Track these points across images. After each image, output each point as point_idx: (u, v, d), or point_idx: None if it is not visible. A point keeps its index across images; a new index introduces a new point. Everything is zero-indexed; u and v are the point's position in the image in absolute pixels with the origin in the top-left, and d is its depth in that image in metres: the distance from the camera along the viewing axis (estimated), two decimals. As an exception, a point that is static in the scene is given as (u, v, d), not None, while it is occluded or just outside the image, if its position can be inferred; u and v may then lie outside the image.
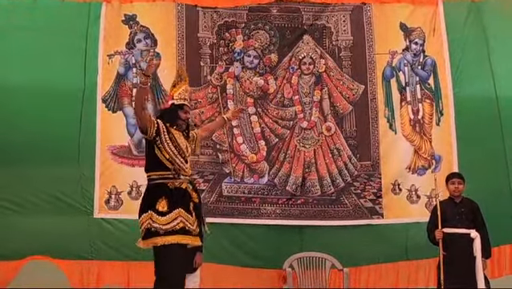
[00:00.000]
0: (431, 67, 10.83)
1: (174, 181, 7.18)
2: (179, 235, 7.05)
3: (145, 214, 7.10)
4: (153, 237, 7.03)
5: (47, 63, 10.01)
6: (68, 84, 9.97)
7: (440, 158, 10.61)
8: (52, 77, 9.93)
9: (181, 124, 7.44)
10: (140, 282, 9.66)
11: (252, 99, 10.59)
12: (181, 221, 7.06)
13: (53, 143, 9.72)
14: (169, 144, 7.23)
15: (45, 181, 9.72)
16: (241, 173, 10.36)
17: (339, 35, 10.77)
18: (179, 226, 7.06)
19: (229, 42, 10.63)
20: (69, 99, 9.94)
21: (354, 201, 10.45)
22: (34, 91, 9.85)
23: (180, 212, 7.07)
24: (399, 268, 10.34)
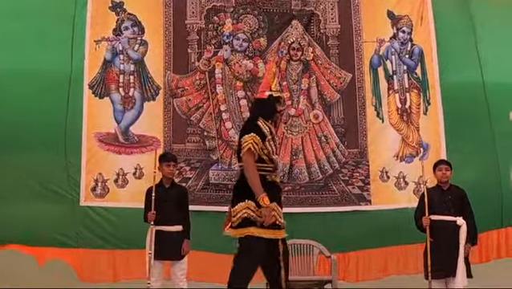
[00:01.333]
0: (418, 56, 10.81)
1: (271, 174, 7.09)
2: (274, 230, 6.97)
3: (242, 203, 6.95)
4: (249, 226, 6.91)
5: (34, 48, 9.85)
6: (55, 70, 9.80)
7: (427, 146, 10.60)
8: (39, 63, 9.76)
9: (277, 116, 7.37)
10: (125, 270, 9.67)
11: (241, 82, 10.49)
12: (275, 215, 6.95)
13: (39, 129, 9.57)
14: (271, 142, 7.12)
15: (31, 168, 9.56)
16: (229, 160, 10.24)
17: (327, 23, 10.70)
18: (273, 220, 6.95)
19: (217, 25, 10.54)
20: (56, 85, 9.78)
21: (342, 188, 10.41)
22: (21, 77, 9.68)
23: (275, 206, 6.96)
24: (387, 253, 10.33)
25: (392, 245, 10.28)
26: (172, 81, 10.20)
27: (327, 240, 10.01)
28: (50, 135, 9.65)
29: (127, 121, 10.03)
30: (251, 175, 6.88)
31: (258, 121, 7.08)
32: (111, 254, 9.67)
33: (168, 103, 10.16)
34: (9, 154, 9.53)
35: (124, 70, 10.14)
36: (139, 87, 10.15)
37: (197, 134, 10.22)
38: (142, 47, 10.23)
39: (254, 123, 7.10)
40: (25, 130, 9.54)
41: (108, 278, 9.68)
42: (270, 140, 7.08)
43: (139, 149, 9.98)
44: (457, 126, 10.46)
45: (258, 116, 7.18)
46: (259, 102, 7.41)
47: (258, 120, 7.09)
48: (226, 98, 10.34)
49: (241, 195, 6.98)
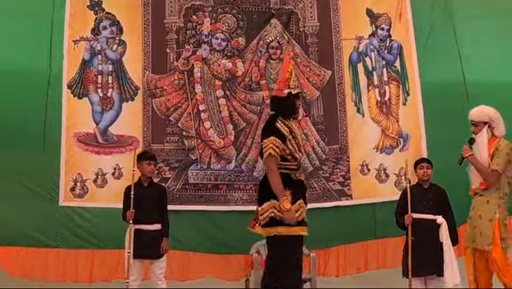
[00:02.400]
0: (397, 51, 10.80)
1: (296, 173, 7.26)
2: (301, 227, 7.22)
3: (268, 202, 7.14)
4: (277, 226, 7.12)
5: (12, 47, 9.78)
6: (33, 69, 9.75)
7: (407, 136, 10.61)
8: (17, 62, 9.71)
9: (297, 112, 7.49)
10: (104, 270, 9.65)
11: (220, 81, 10.43)
12: (302, 212, 7.19)
13: (18, 129, 9.53)
14: (292, 142, 7.26)
15: (9, 168, 9.51)
16: (208, 160, 10.22)
17: (306, 21, 10.66)
18: (301, 218, 7.20)
19: (196, 24, 10.47)
20: (34, 85, 9.73)
21: (322, 185, 10.39)
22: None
23: (301, 203, 7.20)
24: (367, 248, 10.35)
25: (372, 238, 10.32)
26: (151, 81, 10.15)
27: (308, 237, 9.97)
28: (28, 135, 9.60)
29: (106, 122, 9.99)
30: (273, 179, 7.10)
31: (276, 122, 7.20)
32: (90, 253, 9.63)
33: (147, 104, 10.12)
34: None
35: (103, 70, 10.07)
36: (117, 87, 10.09)
37: (175, 134, 10.17)
38: (120, 47, 10.17)
39: (274, 124, 7.23)
40: (4, 130, 9.47)
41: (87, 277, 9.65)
42: (292, 140, 7.24)
43: (118, 149, 9.94)
44: (436, 116, 10.47)
45: (278, 115, 7.29)
46: (278, 100, 7.51)
47: (277, 121, 7.18)
48: (205, 97, 10.29)
49: (266, 194, 7.18)
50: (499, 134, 7.70)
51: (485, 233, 7.51)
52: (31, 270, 9.54)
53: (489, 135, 7.69)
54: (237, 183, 10.23)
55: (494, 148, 7.59)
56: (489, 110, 7.80)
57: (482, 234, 7.54)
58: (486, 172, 7.55)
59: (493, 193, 7.57)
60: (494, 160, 7.53)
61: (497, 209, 7.52)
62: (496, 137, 7.68)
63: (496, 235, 7.48)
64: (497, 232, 7.48)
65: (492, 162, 7.55)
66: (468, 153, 7.69)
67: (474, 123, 7.77)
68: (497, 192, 7.56)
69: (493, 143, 7.64)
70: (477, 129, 7.73)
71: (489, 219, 7.52)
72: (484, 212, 7.57)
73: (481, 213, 7.60)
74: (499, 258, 7.48)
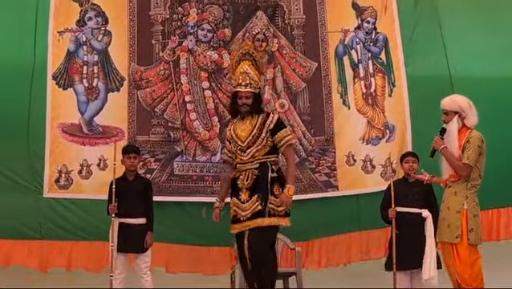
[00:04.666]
0: (382, 43, 10.75)
1: (233, 172, 7.52)
2: (231, 224, 7.48)
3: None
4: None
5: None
6: (18, 60, 9.68)
7: (393, 127, 10.55)
8: (1, 53, 9.64)
9: (241, 110, 7.47)
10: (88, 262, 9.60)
11: (206, 73, 10.38)
12: (234, 210, 7.40)
13: (1, 119, 9.45)
14: (229, 142, 7.60)
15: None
16: (193, 151, 10.18)
17: (292, 14, 10.60)
18: (232, 215, 7.47)
19: (182, 15, 10.42)
20: (19, 75, 9.64)
21: (309, 176, 10.36)
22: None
23: (233, 201, 7.44)
24: (351, 239, 10.30)
25: (356, 230, 10.29)
26: (136, 72, 10.09)
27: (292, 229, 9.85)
28: (13, 126, 9.52)
29: (91, 112, 9.92)
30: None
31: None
32: (74, 245, 9.58)
33: (132, 95, 10.07)
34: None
35: (88, 61, 10.01)
36: (102, 77, 10.02)
37: (161, 125, 10.12)
38: (106, 38, 10.11)
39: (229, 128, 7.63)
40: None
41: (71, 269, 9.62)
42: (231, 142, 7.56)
43: (103, 140, 9.87)
44: (422, 107, 10.39)
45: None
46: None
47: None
48: (191, 88, 10.24)
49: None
50: (470, 124, 7.64)
51: (454, 224, 7.45)
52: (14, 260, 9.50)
53: (459, 125, 7.63)
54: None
55: (465, 139, 7.52)
56: (460, 99, 7.74)
57: (450, 226, 7.48)
58: (458, 165, 7.49)
59: (461, 184, 7.51)
60: (465, 154, 7.46)
61: (465, 200, 7.46)
62: (467, 128, 7.62)
63: (464, 226, 7.43)
64: (465, 223, 7.43)
65: (463, 155, 7.48)
66: (440, 146, 7.63)
67: (445, 112, 7.73)
68: (465, 183, 7.49)
69: (464, 133, 7.58)
70: (448, 118, 7.67)
71: (457, 210, 7.46)
72: (452, 204, 7.51)
73: (449, 205, 7.55)
74: (464, 250, 7.42)
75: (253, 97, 7.49)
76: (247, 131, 7.38)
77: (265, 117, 7.48)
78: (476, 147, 7.46)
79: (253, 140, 7.38)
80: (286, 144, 7.45)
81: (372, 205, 9.46)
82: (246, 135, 7.38)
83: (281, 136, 7.44)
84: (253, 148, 7.37)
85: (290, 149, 7.57)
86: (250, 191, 7.32)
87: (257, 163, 7.37)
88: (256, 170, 7.33)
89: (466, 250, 7.40)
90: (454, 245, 7.42)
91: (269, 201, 7.28)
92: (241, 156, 7.40)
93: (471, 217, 7.44)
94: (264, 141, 7.39)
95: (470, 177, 7.50)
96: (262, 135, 7.40)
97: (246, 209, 7.28)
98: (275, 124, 7.46)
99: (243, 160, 7.37)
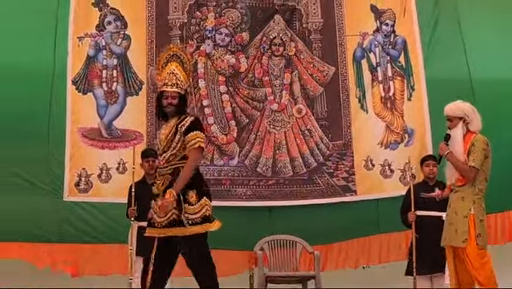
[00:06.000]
0: (401, 46, 10.78)
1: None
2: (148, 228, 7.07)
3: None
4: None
5: (17, 44, 9.79)
6: (38, 66, 9.75)
7: (412, 132, 10.56)
8: (22, 58, 9.71)
9: (166, 111, 7.04)
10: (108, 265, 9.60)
11: (224, 77, 10.46)
12: (151, 213, 6.99)
13: (23, 124, 9.52)
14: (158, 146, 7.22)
15: (14, 163, 9.52)
16: (211, 156, 10.22)
17: (309, 18, 10.66)
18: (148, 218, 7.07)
19: (200, 20, 10.49)
20: (39, 81, 9.73)
21: (326, 181, 10.37)
22: (4, 73, 9.61)
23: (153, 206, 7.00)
24: (370, 242, 10.30)
25: (375, 234, 10.27)
26: (155, 76, 10.07)
27: (311, 233, 10.01)
28: (33, 130, 9.60)
29: (110, 116, 10.01)
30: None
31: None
32: (94, 248, 9.61)
33: (151, 99, 10.06)
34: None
35: (107, 65, 10.12)
36: (122, 81, 10.12)
37: (179, 130, 10.14)
38: (125, 41, 10.21)
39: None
40: (9, 126, 9.47)
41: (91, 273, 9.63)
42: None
43: (122, 144, 9.95)
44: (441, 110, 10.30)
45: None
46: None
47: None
48: (208, 93, 10.31)
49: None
50: (474, 129, 7.62)
51: (461, 229, 7.43)
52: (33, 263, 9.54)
53: (464, 130, 7.61)
54: (240, 178, 10.23)
55: (470, 143, 7.49)
56: (464, 105, 7.71)
57: (458, 231, 7.45)
58: (464, 168, 7.47)
59: (468, 189, 7.47)
60: (471, 157, 7.44)
61: (472, 205, 7.43)
62: (472, 133, 7.61)
63: (471, 231, 7.40)
64: (472, 228, 7.40)
65: (469, 158, 7.47)
66: (446, 152, 7.62)
67: (449, 118, 7.71)
68: (472, 188, 7.46)
69: (468, 138, 7.55)
70: (452, 124, 7.64)
71: (464, 215, 7.42)
72: (459, 208, 7.47)
73: (456, 210, 7.52)
74: (474, 254, 7.37)
75: (179, 98, 7.03)
76: (165, 134, 6.95)
77: (181, 120, 6.96)
78: (481, 150, 7.43)
79: (168, 144, 6.93)
80: (191, 147, 6.87)
81: (392, 209, 9.44)
82: (164, 139, 6.96)
83: (189, 138, 6.89)
84: (167, 152, 6.92)
85: (193, 152, 6.90)
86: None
87: (171, 169, 6.91)
88: (169, 176, 6.90)
89: (476, 254, 7.38)
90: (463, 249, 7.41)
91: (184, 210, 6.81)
92: (160, 160, 7.09)
93: (478, 222, 7.43)
94: (178, 145, 6.89)
95: (477, 181, 7.47)
96: (175, 138, 6.89)
97: (161, 216, 6.84)
98: (187, 127, 6.89)
99: (160, 164, 7.03)
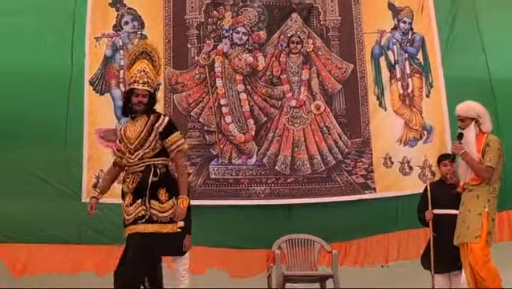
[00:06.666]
0: (419, 43, 10.74)
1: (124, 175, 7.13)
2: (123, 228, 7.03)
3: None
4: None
5: (34, 45, 9.85)
6: (55, 67, 9.80)
7: (431, 128, 10.51)
8: (39, 60, 9.77)
9: (136, 109, 7.04)
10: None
11: (241, 76, 10.45)
12: (123, 213, 6.99)
13: (40, 126, 9.57)
14: (120, 146, 7.15)
15: (32, 164, 9.57)
16: (229, 155, 10.24)
17: (327, 15, 10.64)
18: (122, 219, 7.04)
19: (217, 19, 10.49)
20: (56, 82, 9.77)
21: (345, 178, 10.34)
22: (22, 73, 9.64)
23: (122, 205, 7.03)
24: (389, 239, 10.30)
25: (394, 231, 10.26)
26: (172, 77, 10.20)
27: (329, 230, 10.03)
28: (51, 132, 9.64)
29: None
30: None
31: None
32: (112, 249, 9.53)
33: (168, 99, 10.16)
34: (10, 150, 9.52)
35: (124, 65, 9.97)
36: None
37: (197, 129, 10.21)
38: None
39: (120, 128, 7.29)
40: (26, 127, 9.52)
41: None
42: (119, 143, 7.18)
43: (139, 145, 9.91)
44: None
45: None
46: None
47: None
48: (226, 92, 10.32)
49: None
50: (486, 130, 7.58)
51: (474, 226, 7.40)
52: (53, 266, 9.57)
53: (476, 131, 7.58)
54: (258, 177, 10.22)
55: (485, 143, 7.47)
56: (476, 106, 7.67)
57: (470, 228, 7.43)
58: (481, 168, 7.43)
59: (483, 187, 7.45)
60: (487, 156, 7.41)
61: (487, 203, 7.41)
62: (483, 133, 7.57)
63: (484, 228, 7.38)
64: (485, 225, 7.38)
65: (485, 158, 7.43)
66: (461, 151, 7.57)
67: (461, 118, 7.66)
68: (486, 186, 7.44)
69: (480, 139, 7.53)
70: (464, 124, 7.61)
71: (478, 213, 7.41)
72: (473, 206, 7.44)
73: (470, 208, 7.49)
74: (481, 250, 7.37)
75: (149, 96, 7.08)
76: (136, 132, 6.98)
77: (155, 119, 7.02)
78: (496, 150, 7.41)
79: (141, 143, 6.96)
80: (176, 150, 7.01)
81: (411, 206, 9.39)
82: (135, 136, 6.98)
83: (171, 140, 7.00)
84: (141, 150, 6.95)
85: (180, 155, 7.11)
86: (134, 195, 6.92)
87: (143, 166, 6.96)
88: (140, 173, 6.94)
89: (481, 251, 7.36)
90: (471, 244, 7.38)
91: (150, 205, 6.87)
92: (129, 158, 7.01)
93: (490, 221, 7.41)
94: (152, 144, 6.96)
95: (492, 180, 7.45)
96: (150, 137, 6.96)
97: (130, 213, 6.89)
98: (165, 127, 7.00)
99: (130, 162, 6.98)
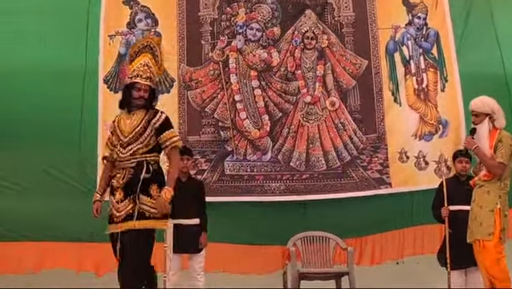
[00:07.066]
0: (434, 38, 10.68)
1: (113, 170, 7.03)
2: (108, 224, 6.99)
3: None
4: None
5: (48, 43, 9.90)
6: (70, 65, 9.82)
7: (446, 122, 10.47)
8: (53, 58, 9.80)
9: (136, 103, 7.02)
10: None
11: (256, 72, 10.42)
12: (111, 209, 6.94)
13: (55, 124, 9.58)
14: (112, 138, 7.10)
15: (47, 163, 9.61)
16: (244, 151, 10.22)
17: (341, 11, 10.59)
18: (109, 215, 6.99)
19: (230, 16, 10.48)
20: (71, 80, 9.78)
21: (361, 174, 10.32)
22: (36, 72, 9.71)
23: (111, 199, 6.95)
24: (404, 234, 10.29)
25: (409, 226, 10.25)
26: (186, 73, 10.20)
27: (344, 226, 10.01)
28: (65, 129, 9.66)
29: (142, 115, 9.99)
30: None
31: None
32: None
33: (183, 96, 10.16)
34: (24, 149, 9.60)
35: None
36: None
37: (211, 125, 10.20)
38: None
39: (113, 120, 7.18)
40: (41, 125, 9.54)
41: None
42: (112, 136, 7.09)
43: (154, 142, 9.91)
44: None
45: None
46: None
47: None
48: (240, 88, 10.30)
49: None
50: (499, 126, 7.55)
51: (486, 223, 7.36)
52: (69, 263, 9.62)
53: (490, 126, 7.54)
54: (273, 173, 10.20)
55: (497, 139, 7.44)
56: (491, 101, 7.64)
57: (483, 225, 7.39)
58: (493, 164, 7.40)
59: (494, 183, 7.42)
60: (499, 152, 7.38)
61: (498, 199, 7.38)
62: (496, 129, 7.54)
63: (497, 225, 7.34)
64: (498, 221, 7.34)
65: (496, 154, 7.40)
66: (473, 146, 7.54)
67: (475, 113, 7.63)
68: (498, 182, 7.41)
69: (493, 134, 7.49)
70: (478, 120, 7.58)
71: (490, 209, 7.37)
72: (484, 203, 7.41)
73: (481, 204, 7.45)
74: (494, 247, 7.33)
75: (150, 92, 7.07)
76: (132, 126, 6.94)
77: (152, 115, 6.99)
78: (508, 146, 7.39)
79: (135, 137, 6.90)
80: (171, 146, 6.99)
81: (426, 201, 9.39)
82: (130, 130, 6.93)
83: (167, 136, 6.97)
84: (134, 145, 6.89)
85: (174, 151, 7.07)
86: (124, 191, 6.86)
87: (134, 161, 6.89)
88: (132, 169, 6.87)
89: (495, 248, 7.34)
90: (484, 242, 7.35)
91: (141, 201, 6.80)
92: (120, 152, 6.93)
93: (503, 217, 7.38)
94: (147, 140, 6.91)
95: (502, 177, 7.42)
96: (145, 132, 6.91)
97: (120, 210, 6.83)
98: (161, 124, 6.98)
99: (121, 157, 6.90)
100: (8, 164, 9.67)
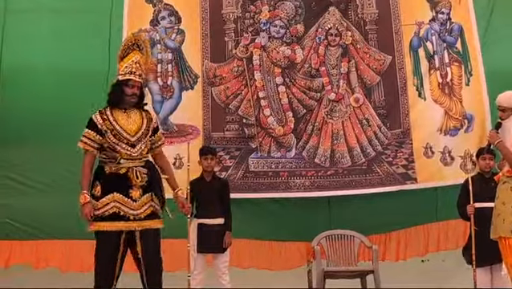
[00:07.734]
0: (458, 32, 10.61)
1: (112, 166, 6.83)
2: (107, 222, 6.73)
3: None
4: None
5: (71, 43, 9.90)
6: (93, 64, 9.81)
7: (472, 117, 10.39)
8: (76, 58, 9.83)
9: (129, 100, 6.93)
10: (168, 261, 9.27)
11: (279, 68, 10.40)
12: (114, 206, 6.72)
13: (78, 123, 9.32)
14: (109, 134, 6.85)
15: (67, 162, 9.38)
16: (268, 148, 10.20)
17: (364, 8, 10.55)
18: (109, 212, 6.73)
19: (254, 13, 10.46)
20: (93, 79, 9.67)
21: (386, 169, 10.26)
22: (58, 71, 9.77)
23: (114, 197, 6.74)
24: (429, 229, 10.24)
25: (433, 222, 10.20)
26: (210, 70, 10.19)
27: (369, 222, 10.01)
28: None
29: (166, 111, 10.03)
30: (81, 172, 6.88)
31: (95, 114, 6.95)
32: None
33: (206, 92, 10.16)
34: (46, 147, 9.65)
35: (162, 59, 10.15)
36: (177, 75, 10.14)
37: (235, 122, 10.18)
38: (179, 36, 10.21)
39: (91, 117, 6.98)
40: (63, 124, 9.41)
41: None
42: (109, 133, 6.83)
43: (178, 139, 9.95)
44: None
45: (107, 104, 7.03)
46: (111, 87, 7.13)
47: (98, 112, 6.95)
48: (264, 84, 10.27)
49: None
50: None
51: (508, 219, 7.28)
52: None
53: None
54: (298, 170, 10.17)
55: None
56: None
57: (505, 221, 7.31)
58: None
59: None
60: None
61: None
62: None
63: None
64: None
65: None
66: (496, 140, 7.45)
67: (502, 108, 7.55)
68: None
69: None
70: (505, 115, 7.50)
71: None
72: (507, 199, 7.32)
73: (504, 201, 7.37)
74: None
75: (141, 89, 7.04)
76: (136, 125, 6.87)
77: (148, 114, 7.03)
78: None
79: (142, 136, 6.88)
80: (161, 145, 7.11)
81: (451, 197, 9.32)
82: (136, 129, 6.86)
83: (160, 135, 7.12)
84: (141, 144, 6.86)
85: (162, 149, 7.18)
86: (143, 189, 6.78)
87: (143, 161, 6.89)
88: (143, 168, 6.84)
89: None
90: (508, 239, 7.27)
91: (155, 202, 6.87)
92: (128, 150, 6.80)
93: None
94: (148, 141, 6.94)
95: None
96: (149, 133, 6.95)
97: (136, 208, 6.72)
98: (156, 123, 7.18)
99: (132, 155, 6.79)
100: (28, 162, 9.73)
